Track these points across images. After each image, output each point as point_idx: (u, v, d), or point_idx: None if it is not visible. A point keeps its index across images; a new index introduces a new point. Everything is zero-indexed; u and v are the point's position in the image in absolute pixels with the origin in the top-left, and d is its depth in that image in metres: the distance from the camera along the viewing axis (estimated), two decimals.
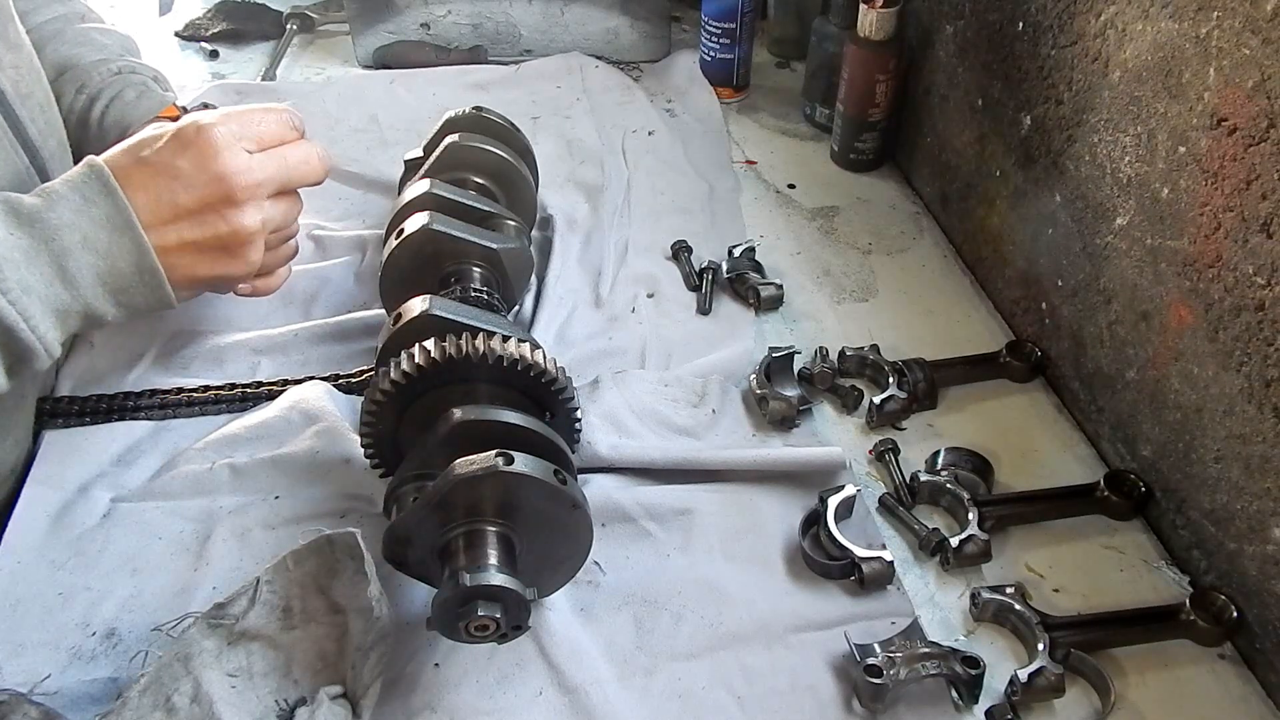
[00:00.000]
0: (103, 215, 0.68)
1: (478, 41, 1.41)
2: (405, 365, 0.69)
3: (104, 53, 0.99)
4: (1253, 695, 0.68)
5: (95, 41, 1.00)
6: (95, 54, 0.98)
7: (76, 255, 0.67)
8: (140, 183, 0.70)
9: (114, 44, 1.02)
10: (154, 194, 0.70)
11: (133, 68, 0.99)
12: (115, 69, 0.97)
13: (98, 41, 1.00)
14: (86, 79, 0.96)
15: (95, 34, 1.01)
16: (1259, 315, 0.65)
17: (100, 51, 0.99)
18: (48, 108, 0.86)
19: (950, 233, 1.11)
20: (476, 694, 0.66)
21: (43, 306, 0.66)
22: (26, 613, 0.70)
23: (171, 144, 0.72)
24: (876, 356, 0.91)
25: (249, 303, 0.93)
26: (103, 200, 0.68)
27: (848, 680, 0.67)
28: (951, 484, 0.79)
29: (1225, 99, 0.66)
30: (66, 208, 0.67)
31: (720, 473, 0.81)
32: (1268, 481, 0.66)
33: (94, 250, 0.68)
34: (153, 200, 0.70)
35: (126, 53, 1.02)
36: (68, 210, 0.67)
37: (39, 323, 0.65)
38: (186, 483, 0.78)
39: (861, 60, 1.11)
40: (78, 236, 0.67)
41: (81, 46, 0.98)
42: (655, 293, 1.01)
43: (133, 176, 0.70)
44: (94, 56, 0.98)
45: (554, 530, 0.64)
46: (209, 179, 0.72)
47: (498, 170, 0.96)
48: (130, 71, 0.98)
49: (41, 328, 0.66)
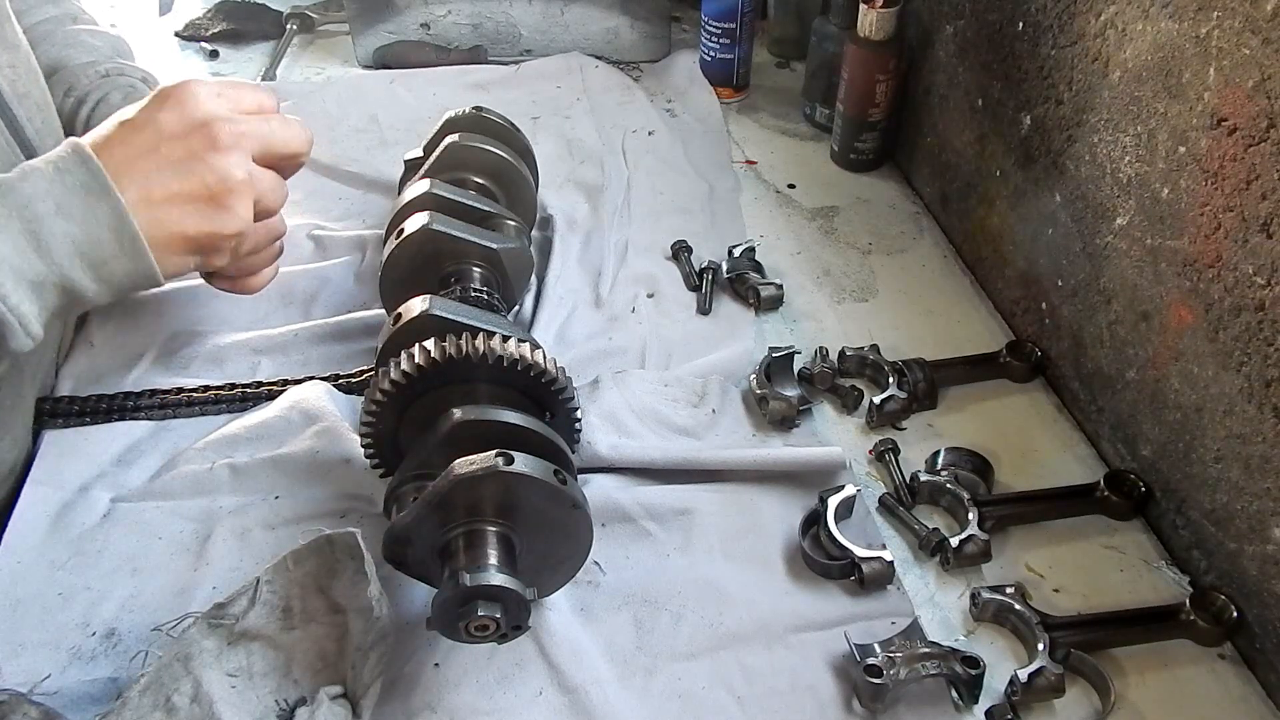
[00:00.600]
0: (77, 182, 0.66)
1: (478, 41, 1.41)
2: (405, 365, 0.69)
3: (93, 55, 0.98)
4: (1253, 695, 0.68)
5: (85, 44, 0.99)
6: (84, 56, 0.98)
7: (49, 222, 0.65)
8: (120, 139, 0.69)
9: (104, 46, 1.01)
10: (135, 148, 0.69)
11: (121, 70, 0.98)
12: (103, 71, 0.97)
13: (87, 44, 0.99)
14: (74, 82, 0.95)
15: (85, 36, 1.00)
16: (1259, 315, 0.65)
17: (90, 54, 0.98)
18: (45, 108, 0.86)
19: (950, 233, 1.11)
20: (476, 694, 0.66)
21: (15, 277, 0.63)
22: (26, 613, 0.70)
23: (152, 102, 0.71)
24: (876, 356, 0.91)
25: (249, 302, 0.93)
26: (78, 168, 0.66)
27: (848, 680, 0.67)
28: (951, 484, 0.79)
29: (1225, 99, 0.66)
30: (40, 178, 0.65)
31: (720, 473, 0.81)
32: (1268, 481, 0.66)
33: (69, 217, 0.65)
34: (134, 154, 0.69)
35: (117, 54, 1.02)
36: (41, 180, 0.65)
37: (11, 292, 0.63)
38: (186, 483, 0.78)
39: (861, 60, 1.11)
40: (51, 204, 0.65)
41: (71, 49, 0.98)
42: (655, 293, 1.01)
43: (112, 138, 0.69)
44: (83, 59, 0.97)
45: (554, 530, 0.64)
46: (191, 125, 0.70)
47: (498, 170, 0.96)
48: (118, 74, 0.98)
49: (13, 298, 0.63)
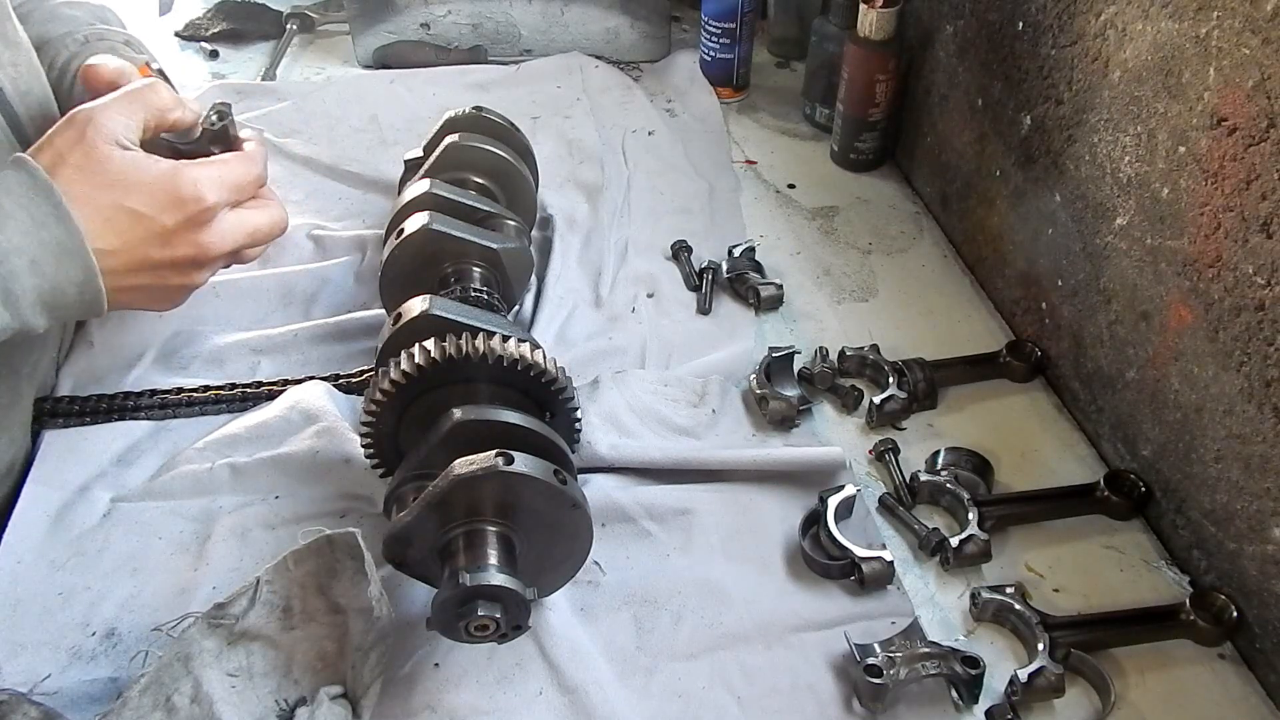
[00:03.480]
0: (54, 239, 0.66)
1: (478, 41, 1.41)
2: (405, 365, 0.69)
3: (72, 25, 0.96)
4: (1253, 695, 0.68)
5: (63, 16, 0.97)
6: (63, 28, 0.95)
7: (23, 279, 0.65)
8: (104, 223, 0.69)
9: (84, 15, 0.99)
10: (130, 238, 0.70)
11: (100, 34, 0.96)
12: (82, 38, 0.95)
13: (65, 15, 0.98)
14: (55, 55, 0.93)
15: (64, 9, 0.98)
16: (1259, 315, 0.65)
17: (68, 24, 0.96)
18: (46, 105, 0.85)
19: (950, 233, 1.11)
20: (476, 694, 0.66)
21: None
22: (26, 613, 0.70)
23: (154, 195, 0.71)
24: (876, 356, 0.91)
25: (249, 302, 0.93)
26: (54, 224, 0.66)
27: (848, 680, 0.67)
28: (951, 484, 0.79)
29: (1225, 99, 0.66)
30: (15, 229, 0.65)
31: (720, 473, 0.81)
32: (1268, 481, 0.66)
33: (40, 274, 0.66)
34: (121, 244, 0.70)
35: (98, 21, 0.99)
36: (16, 233, 0.65)
37: None
38: (186, 483, 0.78)
39: (861, 60, 1.11)
40: (25, 261, 0.65)
41: (49, 23, 0.96)
42: (655, 293, 1.01)
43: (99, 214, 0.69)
44: (62, 30, 0.95)
45: (554, 530, 0.64)
46: (183, 221, 0.72)
47: (498, 170, 0.96)
48: (98, 39, 0.95)
49: None
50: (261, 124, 1.23)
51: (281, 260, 1.02)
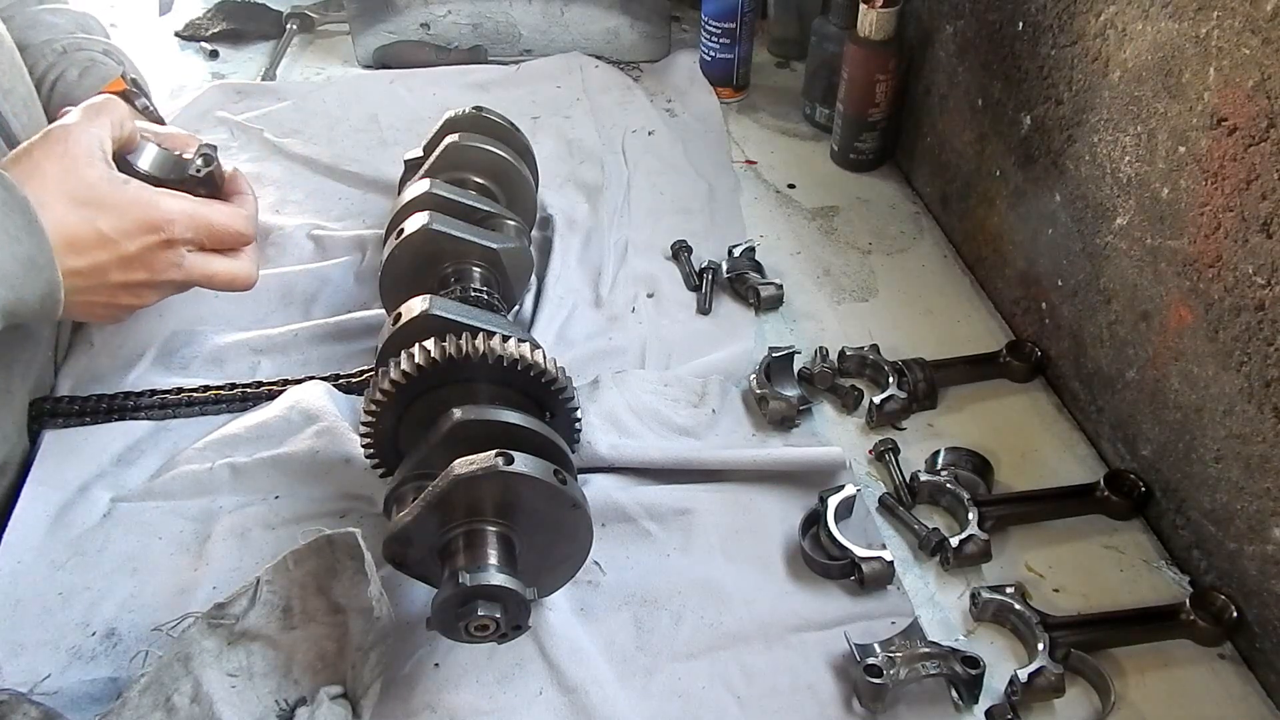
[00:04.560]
0: (25, 254, 0.66)
1: (478, 41, 1.41)
2: (405, 365, 0.69)
3: (51, 32, 0.96)
4: (1253, 695, 0.68)
5: (44, 22, 0.97)
6: (43, 35, 0.95)
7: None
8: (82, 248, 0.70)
9: (65, 23, 0.99)
10: (90, 260, 0.71)
11: (79, 44, 0.96)
12: (60, 48, 0.95)
13: (46, 22, 0.97)
14: (34, 63, 0.93)
15: (45, 15, 0.98)
16: (1259, 315, 0.65)
17: (48, 31, 0.96)
18: (31, 103, 0.85)
19: (950, 233, 1.11)
20: (476, 694, 0.66)
21: None
22: (26, 613, 0.70)
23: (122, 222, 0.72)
24: (876, 356, 0.91)
25: (249, 302, 0.93)
26: (26, 239, 0.66)
27: (848, 680, 0.67)
28: (951, 484, 0.79)
29: (1225, 99, 0.66)
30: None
31: (720, 473, 0.81)
32: (1268, 481, 0.66)
33: (9, 286, 0.66)
34: (87, 264, 0.71)
35: (80, 29, 0.99)
36: None
37: None
38: (186, 483, 0.78)
39: (861, 60, 1.11)
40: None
41: (30, 29, 0.96)
42: (655, 293, 1.01)
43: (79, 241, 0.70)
44: (41, 38, 0.95)
45: (554, 530, 0.64)
46: (146, 248, 0.73)
47: (498, 170, 0.96)
48: (76, 49, 0.95)
49: None
50: (261, 124, 1.23)
51: (281, 260, 1.02)
